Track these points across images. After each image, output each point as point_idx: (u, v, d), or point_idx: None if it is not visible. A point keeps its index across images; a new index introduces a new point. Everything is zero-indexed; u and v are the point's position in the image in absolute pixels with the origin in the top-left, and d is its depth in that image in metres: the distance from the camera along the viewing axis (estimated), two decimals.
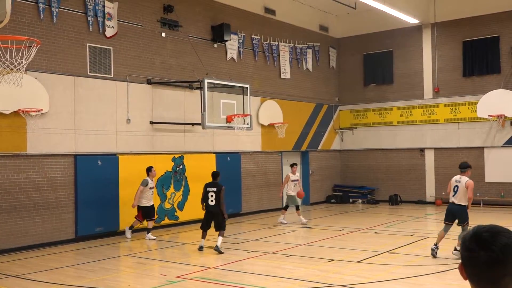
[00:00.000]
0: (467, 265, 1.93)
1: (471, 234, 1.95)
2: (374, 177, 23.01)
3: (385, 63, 22.82)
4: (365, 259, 10.74)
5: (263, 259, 10.99)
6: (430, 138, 21.63)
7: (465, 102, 20.75)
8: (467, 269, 1.93)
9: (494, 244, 1.86)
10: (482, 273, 1.88)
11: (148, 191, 13.64)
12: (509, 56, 19.93)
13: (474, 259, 1.88)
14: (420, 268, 9.83)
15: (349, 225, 15.83)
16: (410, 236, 13.71)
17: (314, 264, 10.50)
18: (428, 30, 21.69)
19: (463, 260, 1.95)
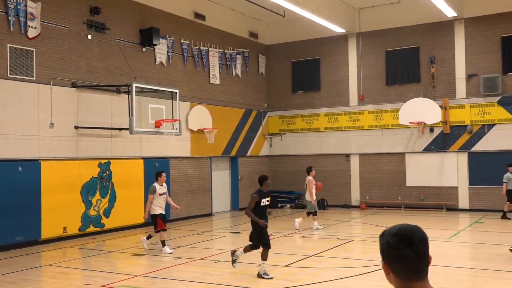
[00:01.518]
0: (395, 262, 2.13)
1: (393, 234, 2.15)
2: (302, 182, 23.32)
3: (312, 70, 23.35)
4: (292, 263, 10.91)
5: (191, 266, 10.92)
6: (355, 144, 22.33)
7: (388, 110, 21.58)
8: (395, 266, 2.13)
9: (416, 240, 2.12)
10: (409, 267, 2.11)
11: (159, 197, 12.53)
12: (428, 66, 20.95)
13: (402, 256, 2.10)
14: (345, 271, 10.09)
15: (278, 229, 16.02)
16: (336, 240, 14.06)
17: (243, 269, 10.54)
18: (354, 39, 22.42)
19: (390, 258, 2.14)
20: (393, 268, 2.15)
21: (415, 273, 2.13)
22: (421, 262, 2.12)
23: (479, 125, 20.03)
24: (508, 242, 13.24)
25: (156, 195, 12.43)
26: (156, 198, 12.43)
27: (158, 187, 12.50)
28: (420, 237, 2.14)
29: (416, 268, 2.12)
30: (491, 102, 19.80)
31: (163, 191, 12.61)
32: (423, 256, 2.12)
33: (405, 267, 2.12)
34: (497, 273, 9.86)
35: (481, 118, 19.98)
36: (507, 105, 19.51)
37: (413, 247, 2.10)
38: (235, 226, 17.14)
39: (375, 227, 16.59)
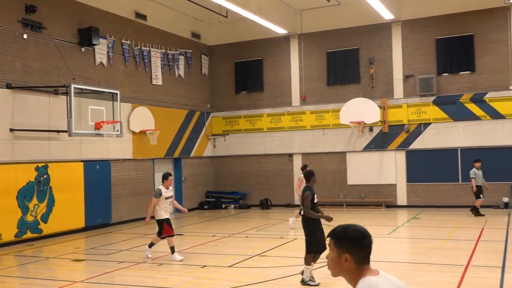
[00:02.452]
0: (362, 250, 2.73)
1: (355, 230, 2.76)
2: (246, 182, 23.53)
3: (255, 71, 23.49)
4: (236, 263, 10.93)
5: (134, 270, 10.74)
6: (298, 143, 22.62)
7: (329, 110, 21.99)
8: (360, 254, 2.72)
9: (368, 233, 2.78)
10: (369, 253, 2.75)
11: (165, 201, 11.67)
12: (367, 67, 21.49)
13: (367, 245, 2.75)
14: (289, 269, 10.20)
15: (222, 230, 16.03)
16: (279, 239, 14.19)
17: (186, 272, 10.47)
18: (296, 40, 22.71)
19: (358, 248, 2.72)
20: (358, 256, 2.72)
21: (368, 259, 2.76)
22: (371, 251, 2.77)
23: (416, 124, 20.73)
24: (443, 236, 13.79)
25: (162, 199, 11.54)
26: (161, 202, 11.54)
27: (164, 190, 11.63)
28: (369, 233, 2.79)
29: (369, 255, 2.76)
30: (426, 102, 20.53)
31: (170, 194, 11.77)
32: (371, 247, 2.78)
33: (367, 254, 2.74)
34: (432, 266, 10.23)
35: (417, 117, 20.69)
36: (442, 104, 20.29)
37: (370, 238, 2.77)
38: (179, 228, 16.99)
39: None
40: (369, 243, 2.77)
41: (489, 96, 19.68)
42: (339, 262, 2.75)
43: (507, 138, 19.45)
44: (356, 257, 2.72)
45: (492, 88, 19.70)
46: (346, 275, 2.77)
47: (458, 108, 20.08)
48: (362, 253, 2.74)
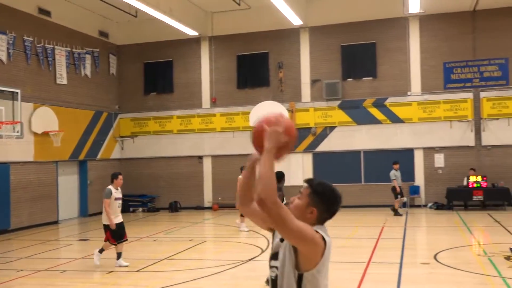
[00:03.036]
0: (329, 213, 2.87)
1: (336, 194, 2.90)
2: (155, 185, 23.18)
3: (165, 72, 23.22)
4: (144, 268, 10.75)
5: (35, 278, 10.24)
6: (208, 146, 22.62)
7: (239, 112, 22.19)
8: (325, 215, 2.86)
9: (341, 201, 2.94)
10: (328, 217, 2.89)
11: (114, 202, 10.75)
12: (276, 71, 21.93)
13: (336, 212, 2.90)
14: (197, 272, 10.18)
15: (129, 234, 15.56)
16: (188, 242, 14.11)
17: (91, 278, 10.15)
18: (206, 42, 22.72)
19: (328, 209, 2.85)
20: (322, 216, 2.84)
21: (324, 222, 2.88)
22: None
23: (322, 127, 21.43)
24: (346, 235, 14.34)
25: (112, 200, 10.68)
26: (111, 205, 10.66)
27: (114, 190, 10.78)
28: (341, 201, 2.94)
29: (326, 220, 2.89)
30: (332, 106, 21.29)
31: (119, 195, 10.91)
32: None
33: (330, 217, 2.88)
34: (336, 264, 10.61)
35: (323, 120, 21.40)
36: (346, 108, 21.13)
37: (340, 205, 2.91)
38: (83, 233, 16.43)
39: (227, 227, 16.96)
40: (336, 211, 2.89)
41: (389, 101, 20.76)
42: (305, 211, 2.83)
43: (405, 141, 20.60)
44: (321, 215, 2.83)
45: (392, 93, 20.79)
46: (298, 224, 2.73)
47: (361, 112, 21.00)
48: (327, 214, 2.86)
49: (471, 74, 20.18)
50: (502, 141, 19.77)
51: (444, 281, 9.01)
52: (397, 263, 10.37)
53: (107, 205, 10.60)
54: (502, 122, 19.79)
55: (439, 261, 10.46)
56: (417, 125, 20.50)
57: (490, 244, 12.28)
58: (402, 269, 9.85)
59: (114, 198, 10.72)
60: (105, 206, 10.63)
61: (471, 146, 20.06)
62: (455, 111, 20.17)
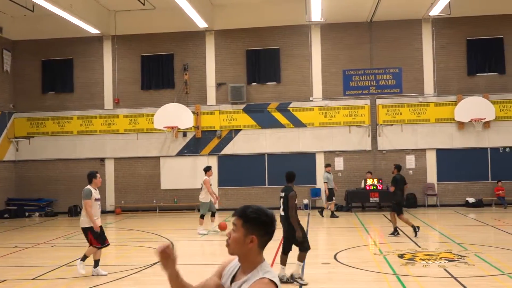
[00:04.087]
0: (267, 235, 2.83)
1: (264, 214, 2.83)
2: (53, 188, 22.15)
3: (65, 71, 22.29)
4: (41, 275, 10.23)
5: None
6: (110, 148, 21.99)
7: (143, 114, 21.80)
8: (265, 238, 2.82)
9: (275, 220, 2.88)
10: (269, 239, 2.85)
11: (95, 204, 9.99)
12: (182, 73, 21.79)
13: (272, 231, 2.84)
14: (98, 278, 9.85)
15: (25, 240, 14.86)
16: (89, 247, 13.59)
17: None
18: (109, 41, 22.10)
19: (264, 232, 2.81)
20: (262, 240, 2.82)
21: (266, 245, 2.86)
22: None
23: (227, 130, 21.59)
24: None
25: (92, 201, 9.95)
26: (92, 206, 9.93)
27: (93, 190, 10.09)
28: (276, 221, 2.90)
29: (268, 242, 2.87)
30: (237, 109, 21.51)
31: (98, 196, 10.25)
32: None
33: (269, 239, 2.86)
34: None
35: (229, 124, 21.56)
36: (251, 112, 21.44)
37: (274, 226, 2.87)
38: None
39: (130, 231, 16.58)
40: (274, 229, 2.88)
41: (292, 106, 21.34)
42: (244, 242, 2.80)
43: (307, 145, 21.26)
44: (260, 240, 2.82)
45: (295, 98, 21.38)
46: (245, 255, 2.82)
47: (265, 116, 21.41)
48: (267, 237, 2.85)
49: (368, 82, 21.25)
50: (396, 146, 20.99)
51: (343, 280, 9.40)
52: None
53: (88, 206, 9.83)
54: (396, 128, 21.01)
55: (338, 261, 10.90)
56: (318, 129, 21.23)
57: (385, 243, 12.98)
58: (304, 269, 10.15)
59: (94, 198, 10.02)
60: (86, 207, 9.85)
61: (368, 150, 21.11)
62: (354, 116, 21.14)
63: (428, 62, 21.06)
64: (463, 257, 10.72)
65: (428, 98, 20.98)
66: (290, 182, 9.42)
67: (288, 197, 9.00)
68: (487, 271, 9.56)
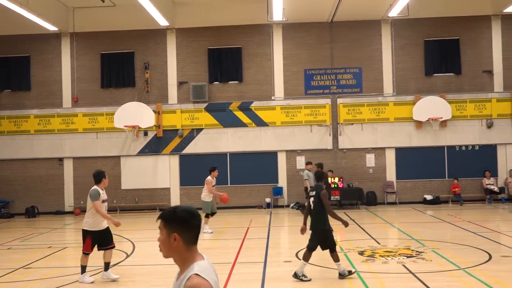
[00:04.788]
0: (189, 230, 2.86)
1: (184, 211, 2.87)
2: (10, 189, 21.55)
3: (21, 68, 21.73)
4: None
5: None
6: (69, 147, 21.56)
7: (103, 113, 21.45)
8: (188, 234, 2.85)
9: (197, 214, 2.93)
10: (196, 233, 2.90)
11: (102, 206, 9.42)
12: (142, 71, 21.54)
13: (194, 225, 2.87)
14: (57, 281, 9.65)
15: None
16: (47, 249, 13.32)
17: None
18: (68, 39, 21.66)
19: (186, 228, 2.84)
20: (186, 236, 2.84)
21: (196, 239, 2.91)
22: (199, 231, 2.94)
23: (189, 129, 21.46)
24: (213, 236, 14.51)
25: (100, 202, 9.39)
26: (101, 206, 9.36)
27: (101, 191, 9.53)
28: (198, 213, 2.94)
29: (198, 235, 2.92)
30: (199, 108, 21.41)
31: (105, 197, 9.70)
32: (199, 227, 2.94)
33: (194, 233, 2.88)
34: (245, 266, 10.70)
35: (190, 122, 21.44)
36: (213, 111, 21.38)
37: (197, 219, 2.89)
38: None
39: None
40: (197, 223, 2.89)
41: (255, 105, 21.38)
42: (169, 242, 2.85)
43: (269, 144, 21.34)
44: (184, 236, 2.84)
45: (257, 98, 21.43)
46: (175, 255, 2.88)
47: (227, 115, 21.37)
48: (190, 232, 2.86)
49: (329, 81, 21.49)
50: (356, 144, 21.29)
51: None
52: (261, 262, 10.71)
53: (99, 207, 9.29)
54: (356, 127, 21.32)
55: (300, 259, 10.97)
56: (280, 128, 21.34)
57: (346, 241, 13.15)
58: (266, 268, 10.19)
59: (102, 200, 9.47)
60: (97, 209, 9.29)
61: (329, 149, 21.34)
62: (315, 116, 21.34)
63: (387, 62, 21.45)
64: (421, 253, 10.97)
65: (387, 97, 21.37)
66: (319, 181, 9.47)
67: (320, 196, 9.10)
68: (444, 266, 9.81)
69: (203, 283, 2.77)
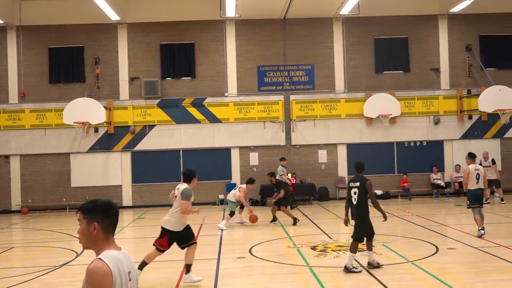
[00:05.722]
0: (107, 219, 3.08)
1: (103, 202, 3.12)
2: None
3: None
4: None
5: None
6: (15, 144, 20.90)
7: (51, 109, 20.89)
8: (106, 222, 3.07)
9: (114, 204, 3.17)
10: (114, 222, 3.14)
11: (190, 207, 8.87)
12: (93, 67, 21.08)
13: (112, 213, 3.11)
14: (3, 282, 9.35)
15: None
16: None
17: None
18: (13, 32, 20.99)
19: (103, 217, 3.07)
20: (105, 225, 3.06)
21: (114, 229, 3.14)
22: (117, 222, 3.17)
23: (141, 125, 21.17)
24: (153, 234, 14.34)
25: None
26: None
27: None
28: (116, 205, 3.19)
29: (115, 225, 3.15)
30: (151, 105, 21.15)
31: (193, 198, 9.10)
32: (117, 218, 3.16)
33: (112, 222, 3.11)
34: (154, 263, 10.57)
35: (142, 119, 21.15)
36: (165, 107, 21.16)
37: (115, 209, 3.14)
38: None
39: (37, 231, 15.85)
40: (115, 212, 3.13)
41: (208, 101, 21.29)
42: (88, 232, 3.05)
43: (222, 140, 21.31)
44: (103, 225, 3.06)
45: (210, 94, 21.35)
46: (94, 245, 3.07)
47: (180, 111, 21.21)
48: (108, 220, 3.09)
49: (282, 78, 21.63)
50: (309, 140, 21.54)
51: (258, 273, 9.53)
52: (214, 259, 10.69)
53: (188, 208, 8.75)
54: (309, 124, 21.55)
55: (253, 255, 11.03)
56: (233, 125, 21.33)
57: (298, 236, 13.29)
58: (219, 264, 10.18)
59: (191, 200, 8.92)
60: (186, 210, 8.72)
61: (282, 145, 21.50)
62: (268, 112, 21.44)
63: (339, 60, 21.76)
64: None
65: (339, 94, 21.69)
66: (361, 172, 9.62)
67: (366, 186, 9.24)
68: (394, 259, 10.06)
69: (102, 267, 2.90)
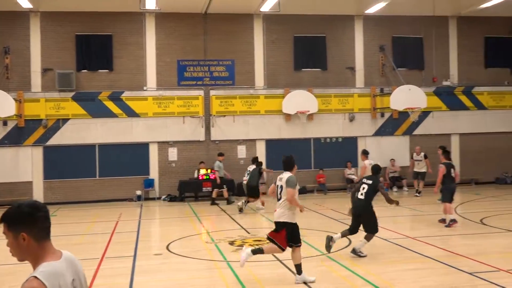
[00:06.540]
0: (33, 225, 2.60)
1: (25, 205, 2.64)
2: None
3: None
4: None
5: None
6: None
7: None
8: (32, 229, 2.59)
9: (42, 206, 2.69)
10: (43, 227, 2.66)
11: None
12: (2, 57, 19.97)
13: (38, 217, 2.63)
14: None
15: None
16: None
17: None
18: None
19: (28, 223, 2.60)
20: (35, 233, 2.59)
21: (47, 233, 2.68)
22: (49, 224, 2.70)
23: (54, 119, 20.31)
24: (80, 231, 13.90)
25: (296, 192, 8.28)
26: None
27: None
28: (43, 204, 2.71)
29: (48, 229, 2.68)
30: (66, 97, 20.34)
31: None
32: (49, 219, 2.70)
33: (43, 227, 2.63)
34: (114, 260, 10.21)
35: (56, 112, 20.30)
36: (81, 100, 20.43)
37: (43, 210, 2.66)
38: None
39: None
40: (44, 214, 2.66)
41: (126, 95, 20.78)
42: (18, 244, 2.61)
43: (140, 135, 20.89)
44: (33, 233, 2.61)
45: (128, 87, 20.85)
46: (29, 256, 2.64)
47: (96, 105, 20.55)
48: (37, 227, 2.63)
49: (202, 73, 21.51)
50: (228, 136, 21.59)
51: (175, 270, 9.45)
52: (131, 256, 10.48)
53: (296, 195, 8.25)
54: (228, 119, 21.59)
55: (171, 251, 10.91)
56: (152, 119, 20.97)
57: (217, 231, 13.31)
58: (136, 261, 9.99)
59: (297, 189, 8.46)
60: (294, 197, 8.19)
61: (202, 141, 21.41)
62: (188, 107, 21.26)
63: (259, 56, 21.95)
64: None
65: (258, 90, 21.88)
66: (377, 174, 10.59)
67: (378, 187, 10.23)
68: (310, 252, 10.31)
69: (38, 287, 2.47)
